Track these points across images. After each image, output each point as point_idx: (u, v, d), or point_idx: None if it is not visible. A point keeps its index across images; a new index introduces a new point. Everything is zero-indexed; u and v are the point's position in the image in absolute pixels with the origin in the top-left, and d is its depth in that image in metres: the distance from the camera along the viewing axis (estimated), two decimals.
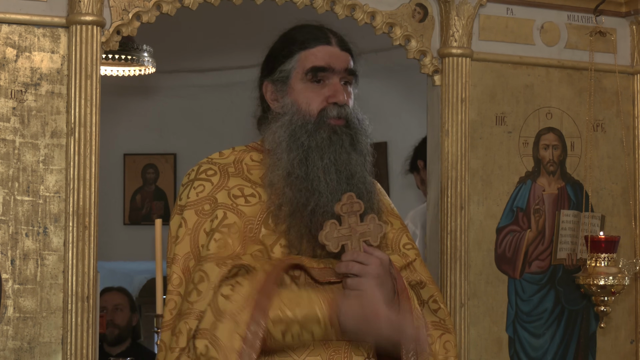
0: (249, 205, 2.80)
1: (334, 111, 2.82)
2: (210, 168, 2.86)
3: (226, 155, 2.92)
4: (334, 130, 2.81)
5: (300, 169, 2.79)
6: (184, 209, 2.82)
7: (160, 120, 9.14)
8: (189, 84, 9.00)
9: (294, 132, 2.82)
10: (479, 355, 3.90)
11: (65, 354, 3.31)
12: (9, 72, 3.32)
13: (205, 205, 2.80)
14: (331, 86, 2.85)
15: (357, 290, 2.70)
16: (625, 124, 4.20)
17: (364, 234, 2.75)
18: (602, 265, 3.77)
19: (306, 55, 2.87)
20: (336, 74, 2.86)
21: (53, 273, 3.33)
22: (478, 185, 3.93)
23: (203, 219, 2.79)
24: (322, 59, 2.86)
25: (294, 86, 2.87)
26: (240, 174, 2.87)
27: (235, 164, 2.89)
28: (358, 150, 2.84)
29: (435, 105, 3.91)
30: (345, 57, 2.88)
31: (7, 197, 3.30)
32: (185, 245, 2.79)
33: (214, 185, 2.82)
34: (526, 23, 4.04)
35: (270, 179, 2.81)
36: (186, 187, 2.85)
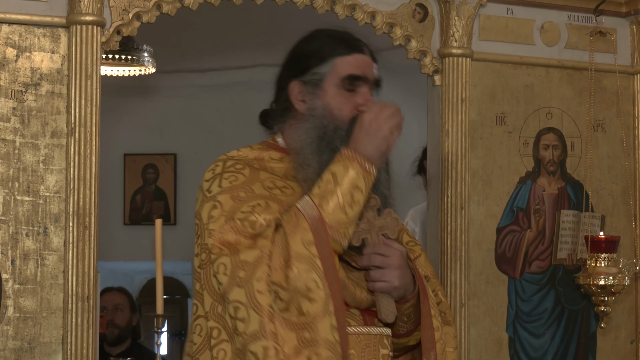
0: (285, 195, 2.85)
1: None
2: (237, 162, 2.89)
3: (245, 153, 2.95)
4: None
5: None
6: (217, 195, 2.81)
7: (160, 120, 9.15)
8: (189, 84, 9.00)
9: (325, 135, 2.86)
10: (479, 355, 3.90)
11: (66, 354, 3.31)
12: (9, 72, 3.32)
13: (241, 192, 2.81)
14: (362, 95, 2.91)
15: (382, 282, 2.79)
16: (625, 124, 4.20)
17: (382, 228, 2.84)
18: (602, 265, 3.77)
19: (342, 62, 2.91)
20: (367, 84, 2.92)
21: (53, 273, 3.33)
22: (478, 185, 3.93)
23: (239, 204, 2.79)
24: (359, 67, 2.91)
25: (327, 90, 2.90)
26: (266, 169, 2.90)
27: (258, 161, 2.92)
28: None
29: (436, 105, 3.91)
30: (374, 67, 2.96)
31: (7, 197, 3.30)
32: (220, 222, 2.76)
33: (246, 177, 2.84)
34: (526, 23, 4.04)
35: (304, 174, 2.85)
36: (214, 180, 2.85)
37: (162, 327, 4.20)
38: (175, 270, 9.84)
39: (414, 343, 2.98)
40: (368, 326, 2.84)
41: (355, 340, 2.78)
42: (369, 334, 2.83)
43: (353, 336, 2.78)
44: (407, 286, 2.84)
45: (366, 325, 2.84)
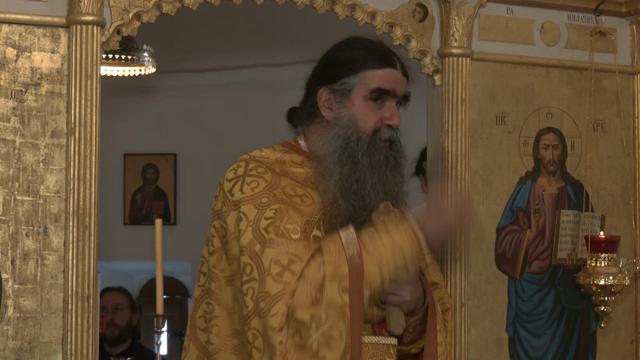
0: (305, 204, 2.88)
1: (387, 134, 2.93)
2: (259, 165, 2.91)
3: (267, 154, 2.97)
4: (384, 152, 2.92)
5: (355, 184, 2.87)
6: (239, 204, 2.84)
7: (160, 120, 9.15)
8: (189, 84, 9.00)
9: (348, 146, 2.89)
10: (479, 355, 3.90)
11: (66, 354, 3.31)
12: (9, 72, 3.32)
13: (263, 199, 2.84)
14: (389, 108, 2.94)
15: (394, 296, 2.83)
16: (625, 124, 4.20)
17: None
18: (602, 265, 3.77)
19: (372, 74, 2.94)
20: (395, 98, 2.96)
21: (53, 273, 3.33)
22: (478, 185, 3.93)
23: (262, 210, 2.83)
24: (388, 82, 2.95)
25: (355, 101, 2.93)
26: (287, 175, 2.93)
27: (279, 164, 2.94)
28: (400, 173, 2.96)
29: (436, 105, 3.91)
30: (404, 82, 3.01)
31: (7, 197, 3.30)
32: (248, 235, 2.81)
33: (268, 183, 2.87)
34: (526, 23, 4.04)
35: (325, 185, 2.88)
36: (236, 182, 2.88)
37: (162, 327, 4.20)
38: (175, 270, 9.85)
39: (416, 352, 3.02)
40: (376, 335, 2.88)
41: (363, 350, 2.81)
42: (377, 343, 2.87)
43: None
44: (417, 300, 2.88)
45: (375, 335, 2.88)
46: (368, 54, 2.96)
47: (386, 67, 2.95)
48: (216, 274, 2.90)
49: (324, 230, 2.86)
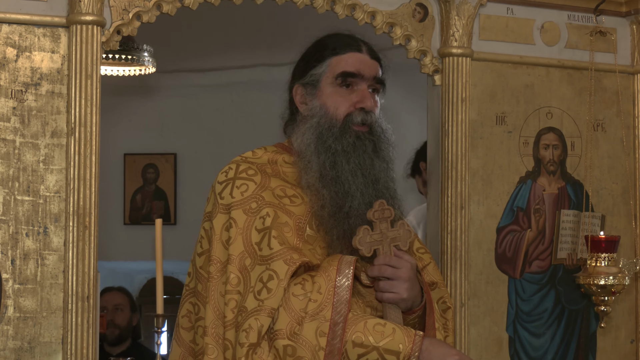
0: (295, 205, 2.88)
1: (359, 117, 2.91)
2: (249, 167, 2.92)
3: (259, 155, 2.98)
4: (358, 135, 2.90)
5: (331, 171, 2.87)
6: (230, 209, 2.86)
7: (160, 120, 9.15)
8: (189, 84, 9.00)
9: (321, 135, 2.89)
10: (479, 355, 3.90)
11: (66, 354, 3.31)
12: (9, 72, 3.32)
13: (252, 204, 2.85)
14: (359, 92, 2.93)
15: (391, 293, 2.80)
16: (625, 123, 4.20)
17: (394, 239, 2.87)
18: (602, 265, 3.77)
19: (337, 60, 2.95)
20: (365, 81, 2.94)
21: (53, 273, 3.33)
22: (478, 185, 3.93)
23: (252, 217, 2.84)
24: (352, 65, 2.94)
25: (324, 90, 2.94)
26: (278, 175, 2.93)
27: (271, 164, 2.95)
28: (381, 157, 2.93)
29: (436, 105, 3.91)
30: (374, 65, 2.97)
31: (7, 197, 3.30)
32: (238, 244, 2.82)
33: (257, 185, 2.88)
34: (526, 23, 4.04)
35: (306, 180, 2.89)
36: (226, 185, 2.89)
37: (162, 327, 4.20)
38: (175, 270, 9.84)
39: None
40: None
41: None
42: None
43: None
44: (415, 298, 2.87)
45: None
46: (332, 42, 2.98)
47: (350, 51, 2.95)
48: (203, 275, 2.91)
49: (315, 227, 2.86)
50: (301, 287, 2.73)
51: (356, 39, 3.00)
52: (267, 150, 3.00)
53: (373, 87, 2.97)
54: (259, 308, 2.71)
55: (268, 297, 2.72)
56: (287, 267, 2.74)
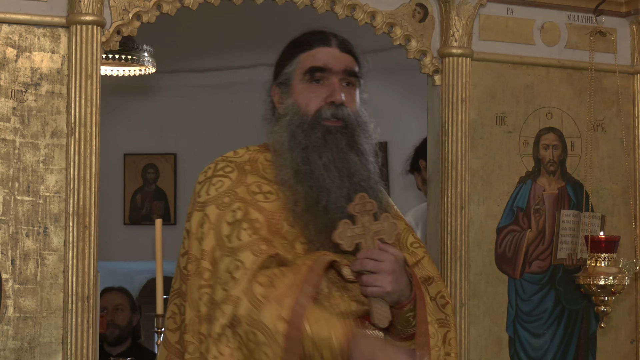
0: (268, 201, 2.87)
1: (329, 111, 2.88)
2: (227, 165, 2.92)
3: (241, 154, 2.99)
4: (328, 130, 2.87)
5: (304, 166, 2.85)
6: (205, 206, 2.86)
7: (160, 120, 9.15)
8: (189, 84, 9.00)
9: (293, 131, 2.89)
10: (479, 355, 3.90)
11: (66, 354, 3.31)
12: (9, 72, 3.32)
13: (225, 198, 2.85)
14: (329, 86, 2.90)
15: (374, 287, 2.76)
16: (625, 123, 4.20)
17: (378, 233, 2.82)
18: (602, 265, 3.77)
19: (306, 56, 2.94)
20: (335, 75, 2.91)
21: (53, 273, 3.33)
22: (478, 185, 3.93)
23: (224, 211, 2.83)
24: (320, 59, 2.92)
25: (295, 87, 2.94)
26: (257, 172, 2.93)
27: (251, 162, 2.95)
28: (356, 151, 2.89)
29: (436, 105, 3.91)
30: (345, 58, 2.94)
31: (7, 197, 3.30)
32: (211, 239, 2.82)
33: (232, 181, 2.88)
34: (526, 23, 4.04)
35: (281, 177, 2.88)
36: (204, 184, 2.90)
37: (162, 327, 4.20)
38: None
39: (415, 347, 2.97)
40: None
41: None
42: None
43: None
44: (402, 291, 2.82)
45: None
46: (302, 39, 2.97)
47: (317, 46, 2.93)
48: (184, 275, 2.91)
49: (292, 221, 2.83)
50: (267, 278, 2.71)
51: (326, 34, 2.97)
52: (249, 150, 3.00)
53: (347, 81, 2.93)
54: (225, 298, 2.71)
55: (234, 286, 2.70)
56: (254, 257, 2.73)
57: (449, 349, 2.93)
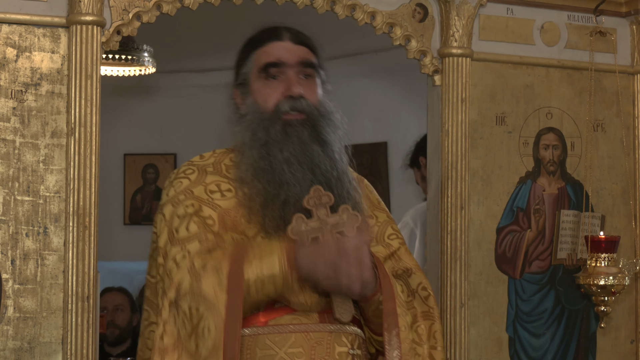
0: (225, 199, 2.85)
1: (287, 105, 2.85)
2: (189, 168, 2.93)
3: (206, 157, 2.99)
4: (289, 123, 2.84)
5: (264, 162, 2.82)
6: (163, 207, 2.88)
7: (160, 120, 9.15)
8: (189, 84, 9.00)
9: (254, 129, 2.86)
10: (479, 355, 3.90)
11: (66, 354, 3.31)
12: (9, 72, 3.32)
13: (180, 196, 2.85)
14: (286, 80, 2.88)
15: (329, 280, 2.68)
16: (625, 124, 4.20)
17: (336, 225, 2.71)
18: (602, 265, 3.77)
19: (259, 53, 2.93)
20: (290, 68, 2.89)
21: (53, 273, 3.33)
22: (478, 185, 3.93)
23: (176, 207, 2.83)
24: (273, 54, 2.90)
25: (253, 86, 2.93)
26: (219, 173, 2.92)
27: (215, 165, 2.94)
28: (320, 141, 2.85)
29: (436, 105, 3.91)
30: (299, 50, 2.91)
31: (7, 197, 3.30)
32: (164, 236, 2.83)
33: (191, 181, 2.88)
34: (526, 23, 4.04)
35: (238, 174, 2.86)
36: (166, 188, 2.92)
37: None
38: None
39: None
40: (323, 323, 2.77)
41: (304, 339, 2.74)
42: (321, 331, 2.76)
43: (302, 334, 2.74)
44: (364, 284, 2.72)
45: (322, 323, 2.77)
46: (255, 38, 2.97)
47: (269, 42, 2.92)
48: (149, 280, 2.94)
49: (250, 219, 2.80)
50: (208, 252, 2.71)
51: (278, 28, 2.96)
52: (216, 153, 3.00)
53: (304, 73, 2.90)
54: (169, 285, 2.71)
55: (177, 273, 2.70)
56: (200, 245, 2.73)
57: (434, 342, 2.87)
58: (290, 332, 2.74)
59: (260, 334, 2.74)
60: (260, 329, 2.74)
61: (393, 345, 2.76)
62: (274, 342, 2.73)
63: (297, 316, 2.75)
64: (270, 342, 2.73)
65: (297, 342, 2.73)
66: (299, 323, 2.75)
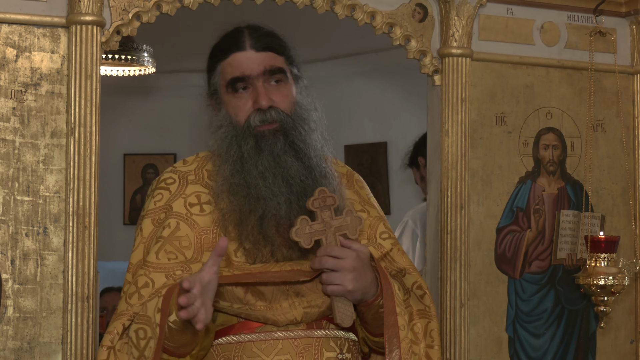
0: (204, 214, 2.81)
1: (257, 118, 2.81)
2: (170, 177, 2.89)
3: (190, 162, 2.95)
4: (262, 135, 2.79)
5: (239, 177, 2.78)
6: (143, 218, 2.86)
7: (160, 120, 9.15)
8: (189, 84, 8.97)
9: (229, 143, 2.82)
10: (479, 355, 3.90)
11: (65, 354, 3.31)
12: (9, 72, 3.32)
13: (161, 214, 2.82)
14: (253, 92, 2.82)
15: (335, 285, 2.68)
16: (625, 124, 4.20)
17: (340, 228, 2.70)
18: (602, 265, 3.77)
19: (224, 66, 2.88)
20: (256, 79, 2.83)
21: (53, 273, 3.33)
22: (478, 185, 3.93)
23: (157, 228, 2.81)
24: (237, 68, 2.84)
25: (223, 98, 2.89)
26: (200, 181, 2.88)
27: (196, 171, 2.90)
28: (296, 150, 2.81)
29: (435, 105, 3.91)
30: (262, 57, 2.85)
31: (7, 197, 3.30)
32: (138, 253, 2.81)
33: (171, 194, 2.84)
34: (526, 23, 4.04)
35: (215, 190, 2.82)
36: (148, 197, 2.90)
37: None
38: None
39: None
40: (311, 329, 2.75)
41: (291, 345, 2.72)
42: (309, 337, 2.74)
43: (289, 340, 2.72)
44: (366, 289, 2.73)
45: (308, 329, 2.75)
46: (218, 46, 2.91)
47: (232, 53, 2.86)
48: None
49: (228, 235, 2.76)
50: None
51: (241, 35, 2.88)
52: (199, 157, 2.96)
53: (275, 79, 2.84)
54: (125, 312, 2.70)
55: (137, 302, 2.69)
56: (165, 280, 2.71)
57: (431, 340, 2.86)
58: (277, 339, 2.72)
59: (247, 341, 2.72)
60: (247, 336, 2.73)
61: (393, 345, 2.74)
62: (261, 350, 2.71)
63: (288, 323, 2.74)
64: (257, 350, 2.71)
65: (284, 349, 2.71)
66: (286, 330, 2.73)
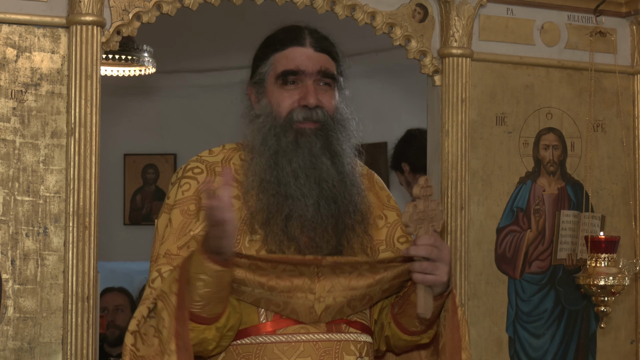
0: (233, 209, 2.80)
1: (301, 114, 2.78)
2: (197, 166, 2.86)
3: (216, 153, 2.91)
4: (301, 133, 2.78)
5: (271, 174, 2.76)
6: (171, 209, 2.81)
7: (160, 120, 9.16)
8: (189, 84, 9.01)
9: (265, 135, 2.80)
10: (479, 355, 3.90)
11: (65, 354, 3.31)
12: (9, 72, 3.32)
13: (191, 205, 2.79)
14: (303, 88, 2.80)
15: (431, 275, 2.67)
16: (625, 124, 4.20)
17: (432, 219, 2.70)
18: (602, 265, 3.77)
19: (278, 57, 2.84)
20: (308, 76, 2.81)
21: (53, 273, 3.33)
22: (478, 185, 3.93)
23: (188, 219, 2.78)
24: (293, 61, 2.82)
25: (269, 88, 2.84)
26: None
27: (223, 162, 2.87)
28: (331, 153, 2.79)
29: (435, 105, 3.92)
30: (319, 58, 2.84)
31: (7, 197, 3.30)
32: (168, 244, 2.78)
33: (199, 184, 2.80)
34: (526, 23, 4.04)
35: (247, 183, 2.79)
36: (174, 185, 2.85)
37: None
38: None
39: (427, 341, 2.89)
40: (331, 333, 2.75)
41: (312, 348, 2.71)
42: (330, 340, 2.74)
43: (310, 344, 2.71)
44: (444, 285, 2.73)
45: (329, 332, 2.75)
46: (275, 38, 2.88)
47: (290, 46, 2.83)
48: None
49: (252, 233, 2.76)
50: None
51: (301, 31, 2.87)
52: (225, 148, 2.93)
53: (323, 81, 2.83)
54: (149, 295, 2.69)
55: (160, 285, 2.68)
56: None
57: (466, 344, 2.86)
58: (298, 341, 2.72)
59: (268, 343, 2.72)
60: (268, 338, 2.72)
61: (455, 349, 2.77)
62: (282, 352, 2.71)
63: (305, 326, 2.73)
64: (278, 351, 2.71)
65: (305, 351, 2.71)
66: (307, 332, 2.73)
